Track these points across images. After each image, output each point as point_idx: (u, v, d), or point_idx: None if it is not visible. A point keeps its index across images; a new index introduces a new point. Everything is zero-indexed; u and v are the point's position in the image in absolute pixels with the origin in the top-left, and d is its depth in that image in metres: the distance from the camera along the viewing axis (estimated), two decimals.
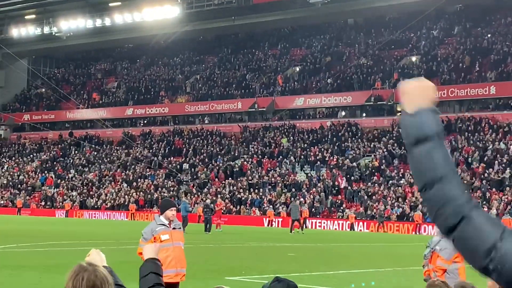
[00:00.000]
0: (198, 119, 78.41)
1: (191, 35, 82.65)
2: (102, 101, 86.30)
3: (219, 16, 73.41)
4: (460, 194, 2.25)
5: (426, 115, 2.32)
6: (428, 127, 2.30)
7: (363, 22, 78.71)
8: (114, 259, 23.86)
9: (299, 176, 61.91)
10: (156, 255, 3.98)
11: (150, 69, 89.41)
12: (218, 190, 63.11)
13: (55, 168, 78.42)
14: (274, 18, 72.79)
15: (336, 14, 72.63)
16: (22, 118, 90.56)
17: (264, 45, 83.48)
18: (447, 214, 2.23)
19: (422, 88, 2.40)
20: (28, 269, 19.10)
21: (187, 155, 70.93)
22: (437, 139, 2.30)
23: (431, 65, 66.87)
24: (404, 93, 2.40)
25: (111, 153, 77.89)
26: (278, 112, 72.69)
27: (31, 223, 50.57)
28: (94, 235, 37.34)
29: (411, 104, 2.36)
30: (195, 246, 28.49)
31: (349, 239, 40.90)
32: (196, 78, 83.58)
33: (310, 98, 70.44)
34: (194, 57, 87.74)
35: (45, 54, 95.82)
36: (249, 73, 79.04)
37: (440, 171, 2.25)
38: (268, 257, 26.25)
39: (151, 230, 10.28)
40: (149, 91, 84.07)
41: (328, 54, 75.75)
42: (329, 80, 71.26)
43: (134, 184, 68.82)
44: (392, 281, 19.48)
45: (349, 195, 57.11)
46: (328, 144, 64.48)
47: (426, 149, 2.27)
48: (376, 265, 23.84)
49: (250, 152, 67.70)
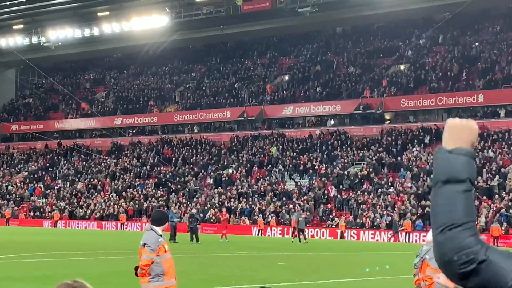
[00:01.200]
0: (187, 128, 78.33)
1: (179, 44, 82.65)
2: (90, 110, 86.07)
3: (207, 25, 73.47)
4: (476, 242, 2.22)
5: (465, 157, 2.27)
6: (463, 170, 2.25)
7: (351, 30, 78.92)
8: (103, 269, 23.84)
9: (289, 185, 61.89)
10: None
11: (139, 79, 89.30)
12: (207, 200, 63.02)
13: (43, 178, 78.10)
14: (262, 27, 72.93)
15: (324, 22, 72.82)
16: (10, 128, 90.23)
17: (253, 54, 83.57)
18: (461, 261, 2.20)
19: (467, 129, 2.34)
20: (16, 280, 18.96)
21: (176, 164, 70.81)
22: (468, 184, 2.25)
23: (420, 74, 67.11)
24: (449, 127, 2.36)
25: (100, 162, 77.65)
26: (267, 121, 72.75)
27: (20, 233, 50.31)
28: (83, 245, 37.15)
29: (452, 140, 2.32)
30: (185, 256, 28.39)
31: (340, 248, 40.86)
32: (185, 87, 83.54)
33: (299, 107, 70.49)
34: (183, 66, 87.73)
35: (33, 64, 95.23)
36: (238, 82, 79.08)
37: (463, 218, 2.22)
38: (258, 266, 26.17)
39: (157, 241, 10.19)
40: (138, 100, 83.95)
41: (317, 62, 75.88)
42: (318, 88, 71.37)
43: (124, 194, 68.60)
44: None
45: (338, 203, 57.11)
46: (317, 152, 64.52)
47: (455, 191, 2.23)
48: (366, 274, 23.79)
49: (239, 161, 67.66)
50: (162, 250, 10.15)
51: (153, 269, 10.06)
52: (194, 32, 75.86)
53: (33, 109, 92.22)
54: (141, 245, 10.28)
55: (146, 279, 10.13)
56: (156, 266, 10.07)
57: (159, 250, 10.11)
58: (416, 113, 65.62)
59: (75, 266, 24.55)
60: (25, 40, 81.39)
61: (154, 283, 10.09)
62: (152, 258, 10.03)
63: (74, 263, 25.82)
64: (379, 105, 65.45)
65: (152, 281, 10.09)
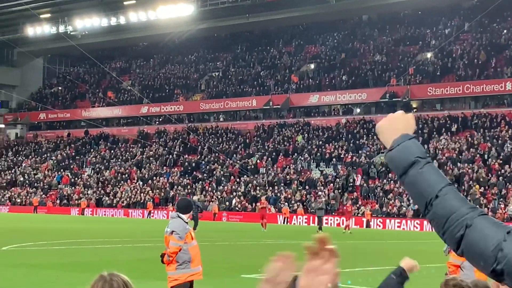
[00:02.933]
0: (213, 116, 78.45)
1: (205, 33, 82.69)
2: (117, 99, 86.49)
3: (233, 14, 73.42)
4: (460, 205, 2.23)
5: (403, 143, 2.34)
6: (409, 153, 2.32)
7: (378, 18, 78.45)
8: (130, 257, 23.99)
9: (314, 174, 61.81)
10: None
11: (165, 67, 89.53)
12: (233, 188, 63.16)
13: (71, 166, 78.71)
14: (288, 15, 72.70)
15: (351, 10, 72.47)
16: (38, 117, 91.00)
17: (279, 42, 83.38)
18: (452, 228, 2.21)
19: (391, 122, 2.44)
20: (45, 267, 19.15)
21: (202, 152, 70.99)
22: (421, 160, 2.31)
23: (447, 61, 66.58)
24: (379, 133, 2.45)
25: (126, 151, 78.07)
26: (293, 110, 72.65)
27: (47, 221, 50.77)
28: (110, 233, 37.42)
29: (387, 140, 2.40)
30: (211, 244, 28.50)
31: (366, 236, 40.78)
32: (211, 76, 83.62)
33: (324, 95, 70.29)
34: (209, 55, 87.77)
35: (60, 53, 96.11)
36: (263, 70, 78.98)
37: (435, 188, 2.25)
38: None
39: (184, 228, 10.24)
40: (164, 89, 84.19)
41: (343, 51, 75.57)
42: (343, 77, 71.09)
43: (150, 182, 68.94)
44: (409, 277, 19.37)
45: (364, 192, 56.94)
46: (343, 141, 64.34)
47: (415, 172, 2.28)
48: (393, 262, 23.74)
49: (265, 150, 67.66)
50: (189, 237, 10.20)
51: (180, 256, 10.11)
52: (219, 20, 75.86)
53: (61, 98, 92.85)
54: (168, 232, 10.32)
55: (173, 266, 10.18)
56: (183, 253, 10.12)
57: (186, 238, 10.16)
58: (443, 101, 65.15)
59: (102, 254, 24.74)
60: (52, 29, 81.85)
61: (181, 270, 10.14)
62: (180, 245, 10.08)
63: (101, 251, 26.02)
64: (405, 93, 65.06)
65: (179, 268, 10.14)
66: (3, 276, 17.16)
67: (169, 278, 10.30)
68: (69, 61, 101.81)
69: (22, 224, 44.99)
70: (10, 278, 16.84)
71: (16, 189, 77.13)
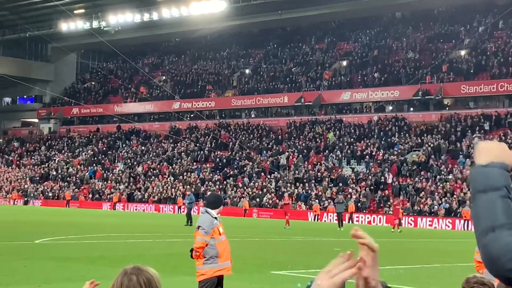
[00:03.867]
0: (245, 113, 78.53)
1: (237, 29, 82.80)
2: (149, 95, 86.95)
3: (265, 10, 73.40)
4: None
5: (499, 169, 2.34)
6: (499, 179, 2.32)
7: (411, 15, 77.94)
8: (161, 251, 24.10)
9: (346, 171, 61.62)
10: None
11: (197, 63, 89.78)
12: (264, 184, 63.18)
13: (103, 161, 79.29)
14: (321, 11, 72.53)
15: (384, 7, 72.13)
16: (71, 112, 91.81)
17: (311, 39, 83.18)
18: (507, 258, 2.19)
19: (498, 148, 2.42)
20: (76, 261, 19.31)
21: (233, 149, 71.11)
22: (505, 191, 2.30)
23: (480, 59, 65.96)
24: (480, 148, 2.42)
25: (158, 146, 78.47)
26: (324, 106, 72.46)
27: (79, 215, 51.21)
28: (141, 227, 37.63)
29: (484, 157, 2.39)
30: (241, 240, 28.53)
31: (396, 235, 40.57)
32: (243, 72, 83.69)
33: (357, 92, 70.01)
34: (241, 51, 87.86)
35: (93, 48, 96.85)
36: (295, 67, 78.86)
37: (504, 220, 2.25)
38: (314, 252, 26.16)
39: (211, 223, 10.24)
40: (196, 85, 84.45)
41: (375, 48, 75.20)
42: (376, 74, 70.74)
43: (181, 178, 69.21)
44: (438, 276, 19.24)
45: (396, 190, 56.63)
46: (375, 138, 64.05)
47: (493, 197, 2.28)
48: (423, 261, 23.60)
49: (296, 146, 67.57)
50: (216, 232, 10.19)
51: (207, 251, 10.11)
52: (252, 17, 75.90)
53: (93, 93, 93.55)
54: (196, 227, 10.36)
55: (201, 261, 10.19)
56: (210, 248, 10.11)
57: (213, 233, 10.15)
58: (477, 99, 64.55)
59: (133, 248, 24.88)
60: (85, 24, 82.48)
61: (209, 265, 10.14)
62: (206, 240, 10.08)
63: (132, 245, 26.17)
64: (438, 91, 64.57)
65: (206, 263, 10.15)
66: (36, 269, 17.34)
67: (197, 273, 10.33)
68: (102, 57, 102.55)
69: (54, 218, 45.43)
70: (42, 271, 17.00)
71: (49, 183, 77.90)
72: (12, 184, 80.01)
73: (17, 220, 40.94)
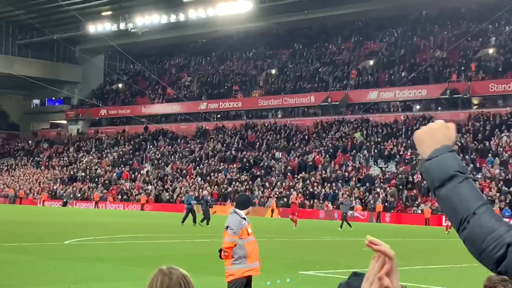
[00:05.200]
0: (271, 113, 78.54)
1: (264, 29, 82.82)
2: (176, 95, 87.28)
3: (291, 10, 73.34)
4: (498, 225, 2.17)
5: (441, 156, 2.26)
6: (449, 166, 2.25)
7: (438, 13, 77.43)
8: (189, 251, 24.18)
9: (373, 170, 61.41)
10: None
11: (224, 64, 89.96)
12: (291, 184, 63.14)
13: (130, 162, 79.71)
14: (347, 11, 72.31)
15: (411, 6, 71.75)
16: (99, 113, 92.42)
17: (337, 38, 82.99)
18: (490, 248, 2.15)
19: (431, 132, 2.33)
20: (105, 261, 19.45)
21: (260, 149, 71.15)
22: (460, 175, 2.24)
23: (509, 57, 65.40)
24: (417, 142, 2.35)
25: (185, 147, 78.73)
26: (351, 106, 72.25)
27: (108, 216, 51.52)
28: (169, 228, 37.79)
29: (425, 150, 2.31)
30: (270, 240, 28.56)
31: (424, 234, 40.34)
32: (269, 72, 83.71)
33: (384, 91, 69.73)
34: (267, 51, 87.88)
35: (120, 50, 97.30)
36: (322, 66, 78.72)
37: (473, 205, 2.19)
38: (342, 252, 26.11)
39: (239, 224, 10.27)
40: (223, 85, 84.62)
41: (402, 46, 74.83)
42: (403, 73, 70.40)
43: (208, 178, 69.37)
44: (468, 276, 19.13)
45: (424, 189, 56.31)
46: (402, 138, 63.76)
47: (452, 187, 2.22)
48: (452, 260, 23.47)
49: (323, 146, 67.46)
50: (245, 233, 10.21)
51: (236, 252, 10.14)
52: (278, 17, 75.89)
53: (121, 94, 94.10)
54: (224, 227, 10.39)
55: (229, 262, 10.22)
56: (238, 249, 10.14)
57: (242, 233, 10.17)
58: (506, 98, 63.99)
59: (162, 248, 25.01)
60: (113, 26, 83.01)
61: (237, 266, 10.17)
62: (234, 240, 10.10)
63: (161, 245, 26.31)
64: (466, 89, 64.12)
65: (235, 264, 10.18)
66: (66, 269, 17.50)
67: (226, 273, 10.38)
68: (129, 58, 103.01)
69: (83, 218, 45.77)
70: (72, 271, 17.15)
71: (77, 184, 78.48)
72: (41, 186, 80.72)
73: (47, 221, 41.32)
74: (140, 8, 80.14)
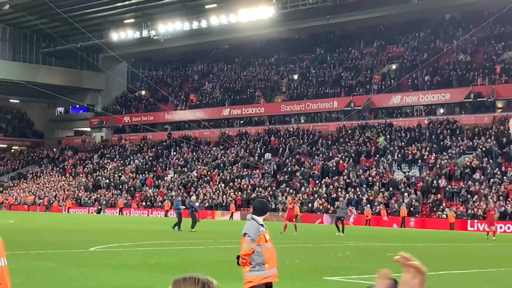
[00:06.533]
0: (294, 118, 78.50)
1: (286, 35, 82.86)
2: (199, 102, 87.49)
3: (313, 15, 73.31)
4: None
5: None
6: None
7: (461, 17, 77.05)
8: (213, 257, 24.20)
9: (397, 175, 61.13)
10: None
11: (246, 70, 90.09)
12: (314, 190, 63.02)
13: (154, 169, 79.96)
14: (369, 15, 72.17)
15: (433, 9, 71.44)
16: (122, 120, 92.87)
17: (360, 43, 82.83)
18: None
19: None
20: (130, 268, 19.50)
21: (283, 154, 71.11)
22: None
23: None
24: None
25: (208, 153, 78.86)
26: (374, 111, 72.01)
27: (132, 222, 51.69)
28: (193, 234, 37.83)
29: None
30: (294, 246, 28.49)
31: (450, 239, 40.08)
32: (291, 78, 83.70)
33: (407, 95, 69.47)
34: (289, 57, 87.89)
35: (143, 57, 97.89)
36: (344, 71, 78.58)
37: None
38: (367, 257, 26.00)
39: (257, 230, 10.22)
40: (245, 91, 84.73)
41: (425, 50, 74.51)
42: (426, 77, 70.08)
43: (231, 184, 69.41)
44: (493, 281, 18.97)
45: (448, 194, 55.97)
46: (426, 142, 63.44)
47: None
48: (478, 265, 23.29)
49: (346, 151, 67.28)
50: (263, 239, 10.15)
51: (253, 258, 10.08)
52: (300, 22, 75.90)
53: (144, 101, 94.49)
54: (242, 234, 10.33)
55: (247, 269, 10.18)
56: (256, 255, 10.08)
57: (260, 240, 10.11)
58: None
59: (186, 254, 25.03)
60: (136, 33, 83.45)
61: (255, 273, 10.12)
62: (252, 247, 10.05)
63: (185, 252, 26.33)
64: (490, 93, 63.69)
65: (253, 270, 10.13)
66: (91, 276, 17.57)
67: (244, 280, 10.32)
68: (152, 65, 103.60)
69: (107, 225, 45.96)
70: (97, 278, 17.22)
71: (102, 191, 78.86)
72: (66, 193, 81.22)
73: (72, 228, 41.55)
74: (163, 16, 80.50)
